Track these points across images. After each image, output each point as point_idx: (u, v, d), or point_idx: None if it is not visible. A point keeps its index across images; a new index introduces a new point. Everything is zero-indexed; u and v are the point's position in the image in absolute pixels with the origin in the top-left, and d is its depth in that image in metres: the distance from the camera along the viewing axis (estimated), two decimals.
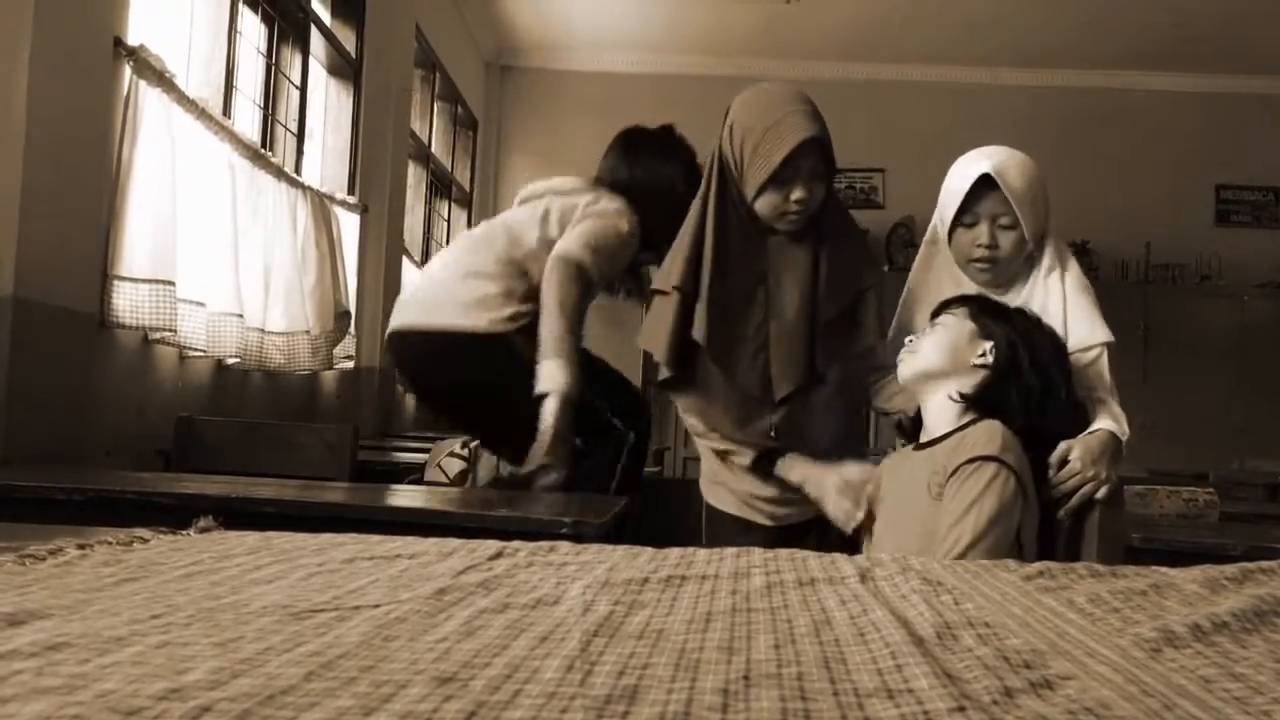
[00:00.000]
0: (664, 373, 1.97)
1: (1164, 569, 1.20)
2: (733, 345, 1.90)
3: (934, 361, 1.77)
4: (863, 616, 0.89)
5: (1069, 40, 7.07)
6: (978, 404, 1.74)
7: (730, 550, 1.26)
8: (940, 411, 1.77)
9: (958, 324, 1.79)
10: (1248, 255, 7.49)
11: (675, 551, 1.24)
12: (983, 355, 1.74)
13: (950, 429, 1.74)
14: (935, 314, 1.86)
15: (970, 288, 1.93)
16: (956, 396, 1.75)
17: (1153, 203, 7.58)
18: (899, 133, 7.49)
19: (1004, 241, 1.86)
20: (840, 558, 1.25)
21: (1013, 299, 1.91)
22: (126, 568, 1.00)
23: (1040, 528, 1.75)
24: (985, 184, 1.84)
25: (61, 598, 0.84)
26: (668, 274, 1.96)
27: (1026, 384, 1.73)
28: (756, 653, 0.75)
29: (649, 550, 1.25)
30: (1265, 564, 1.20)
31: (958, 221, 1.89)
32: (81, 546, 1.08)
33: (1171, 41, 7.00)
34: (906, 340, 1.84)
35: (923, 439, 1.81)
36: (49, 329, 2.56)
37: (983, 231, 1.86)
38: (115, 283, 2.81)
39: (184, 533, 1.26)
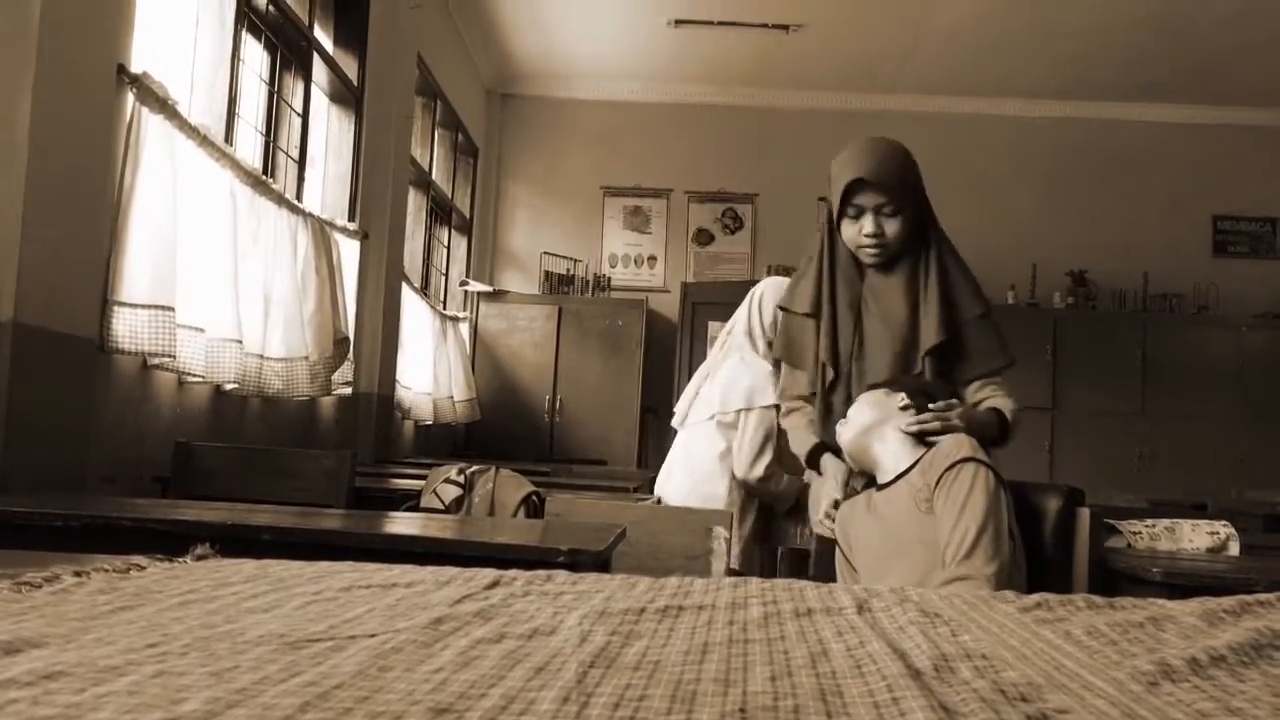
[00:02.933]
0: (812, 385, 2.24)
1: (1162, 601, 1.20)
2: (836, 357, 2.18)
3: (866, 417, 2.01)
4: (860, 648, 0.89)
5: (1067, 72, 7.13)
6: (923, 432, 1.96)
7: (728, 580, 1.26)
8: (896, 451, 1.97)
9: (868, 394, 2.06)
10: (1245, 286, 7.52)
11: (672, 581, 1.24)
12: (904, 399, 1.99)
13: (911, 461, 1.92)
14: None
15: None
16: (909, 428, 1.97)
17: (1150, 233, 7.62)
18: None
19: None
20: (838, 588, 1.25)
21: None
22: (122, 595, 1.00)
23: (1028, 541, 1.89)
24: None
25: (57, 626, 0.84)
26: (797, 298, 2.27)
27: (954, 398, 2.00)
28: (753, 684, 0.75)
29: (646, 580, 1.25)
30: (1263, 596, 1.20)
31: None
32: (78, 574, 1.07)
33: (1168, 74, 7.06)
34: (839, 424, 2.10)
35: (882, 480, 2.00)
36: (49, 354, 2.56)
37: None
38: (115, 308, 2.82)
39: (180, 560, 1.26)
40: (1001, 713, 0.68)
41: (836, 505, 2.13)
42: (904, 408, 1.98)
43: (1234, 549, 2.38)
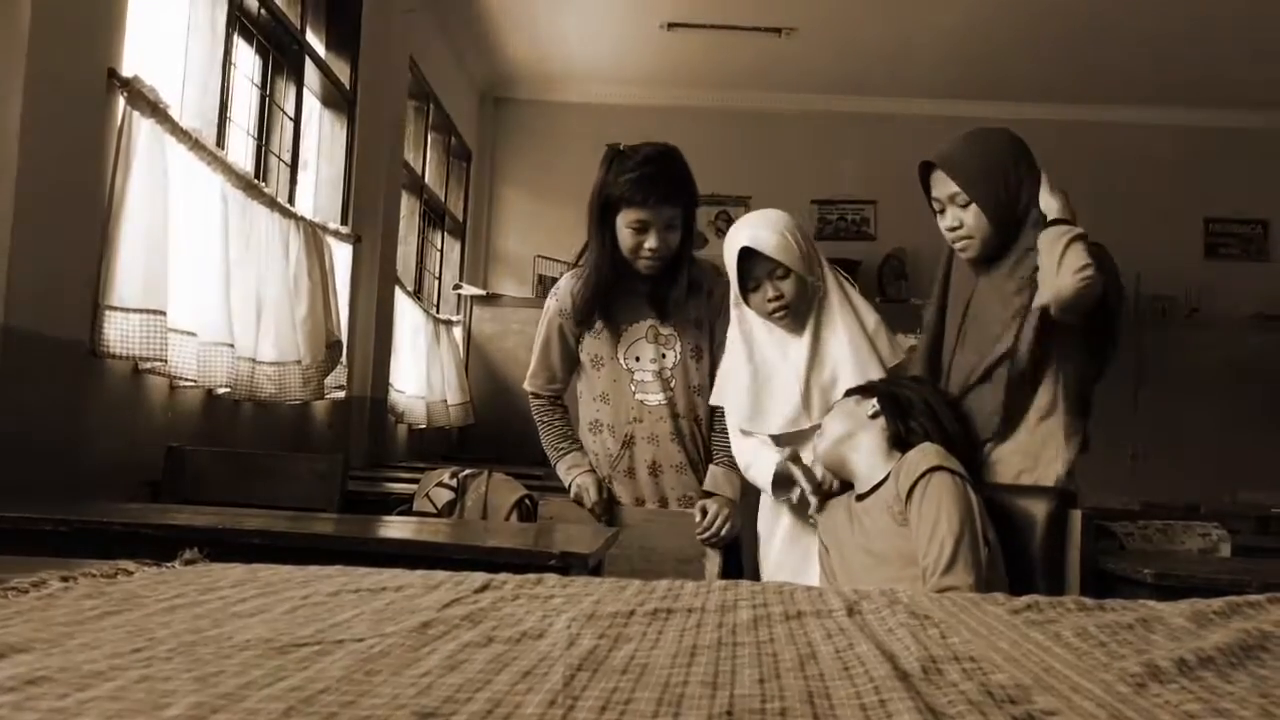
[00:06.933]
0: None
1: (1151, 603, 1.20)
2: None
3: (839, 428, 2.01)
4: (848, 650, 0.89)
5: (1057, 75, 7.14)
6: (900, 443, 1.95)
7: (719, 583, 1.26)
8: (870, 462, 1.97)
9: (841, 403, 2.07)
10: (1236, 288, 7.53)
11: (663, 584, 1.24)
12: (873, 407, 1.99)
13: (885, 472, 1.92)
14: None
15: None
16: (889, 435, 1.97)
17: (1141, 235, 7.61)
18: (890, 165, 7.49)
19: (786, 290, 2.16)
20: (829, 590, 1.25)
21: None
22: (109, 600, 0.99)
23: (1013, 552, 1.88)
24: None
25: (42, 631, 0.84)
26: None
27: (927, 404, 1.98)
28: (741, 687, 0.75)
29: (636, 583, 1.25)
30: (1252, 598, 1.20)
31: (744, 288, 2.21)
32: (64, 579, 1.07)
33: (1158, 77, 7.08)
34: (815, 436, 2.09)
35: (859, 490, 1.99)
36: (39, 359, 2.55)
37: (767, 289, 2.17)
38: (106, 312, 2.81)
39: (169, 565, 1.25)
40: (989, 715, 0.68)
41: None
42: (873, 416, 1.98)
43: (1225, 551, 2.39)
